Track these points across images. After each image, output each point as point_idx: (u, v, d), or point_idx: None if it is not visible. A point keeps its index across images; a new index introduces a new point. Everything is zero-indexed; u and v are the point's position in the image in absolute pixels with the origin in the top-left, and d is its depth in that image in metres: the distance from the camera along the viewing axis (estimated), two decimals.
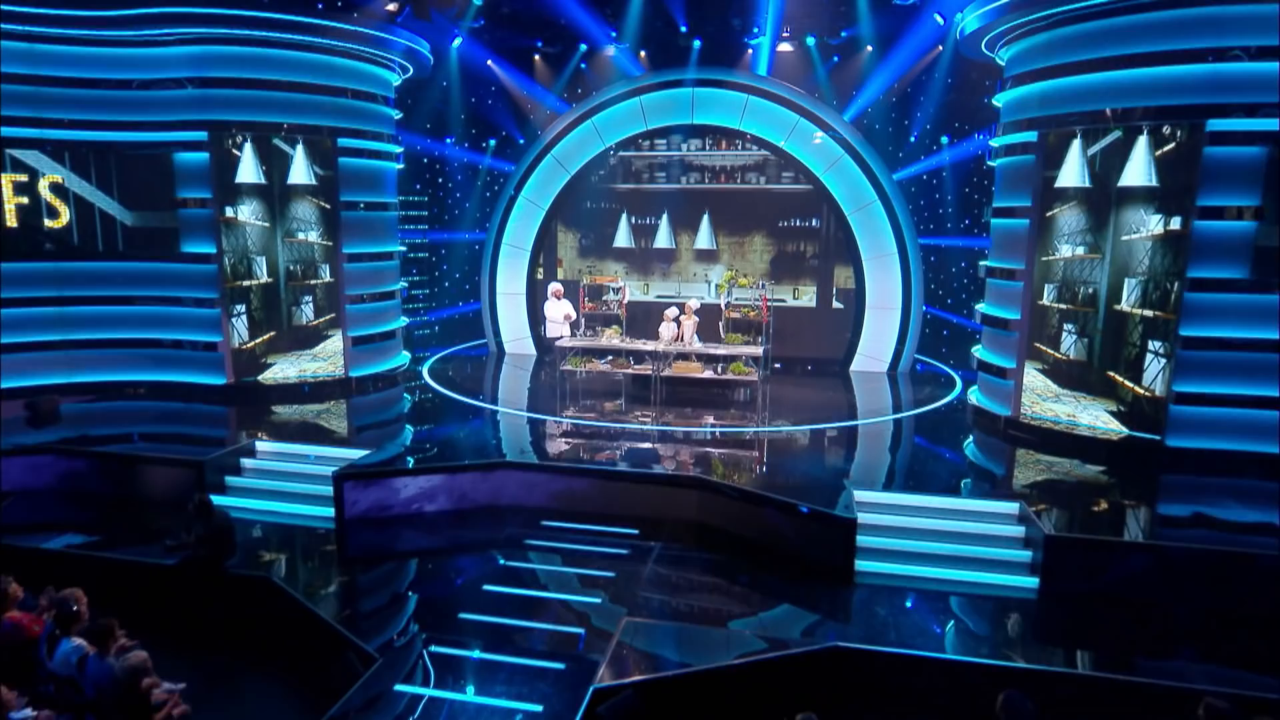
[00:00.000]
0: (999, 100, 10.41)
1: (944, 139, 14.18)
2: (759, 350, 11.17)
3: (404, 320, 12.80)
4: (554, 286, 12.26)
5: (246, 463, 8.96)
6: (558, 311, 12.30)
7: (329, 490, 8.19)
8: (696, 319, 11.84)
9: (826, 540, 7.34)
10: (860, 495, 7.87)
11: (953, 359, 14.28)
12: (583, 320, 11.93)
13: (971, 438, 10.06)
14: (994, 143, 10.53)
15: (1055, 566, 6.96)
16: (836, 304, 14.34)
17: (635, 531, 8.02)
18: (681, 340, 11.58)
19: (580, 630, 6.37)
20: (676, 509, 8.26)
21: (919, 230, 13.80)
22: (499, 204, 14.61)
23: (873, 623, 6.53)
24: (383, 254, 12.00)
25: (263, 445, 9.23)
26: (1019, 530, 7.50)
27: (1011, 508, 7.73)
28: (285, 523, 8.10)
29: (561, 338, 11.51)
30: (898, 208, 13.34)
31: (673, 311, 11.98)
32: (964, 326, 14.68)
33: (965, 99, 13.69)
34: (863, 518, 7.34)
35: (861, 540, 7.29)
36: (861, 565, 7.28)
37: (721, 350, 11.16)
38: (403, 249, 12.77)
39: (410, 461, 8.66)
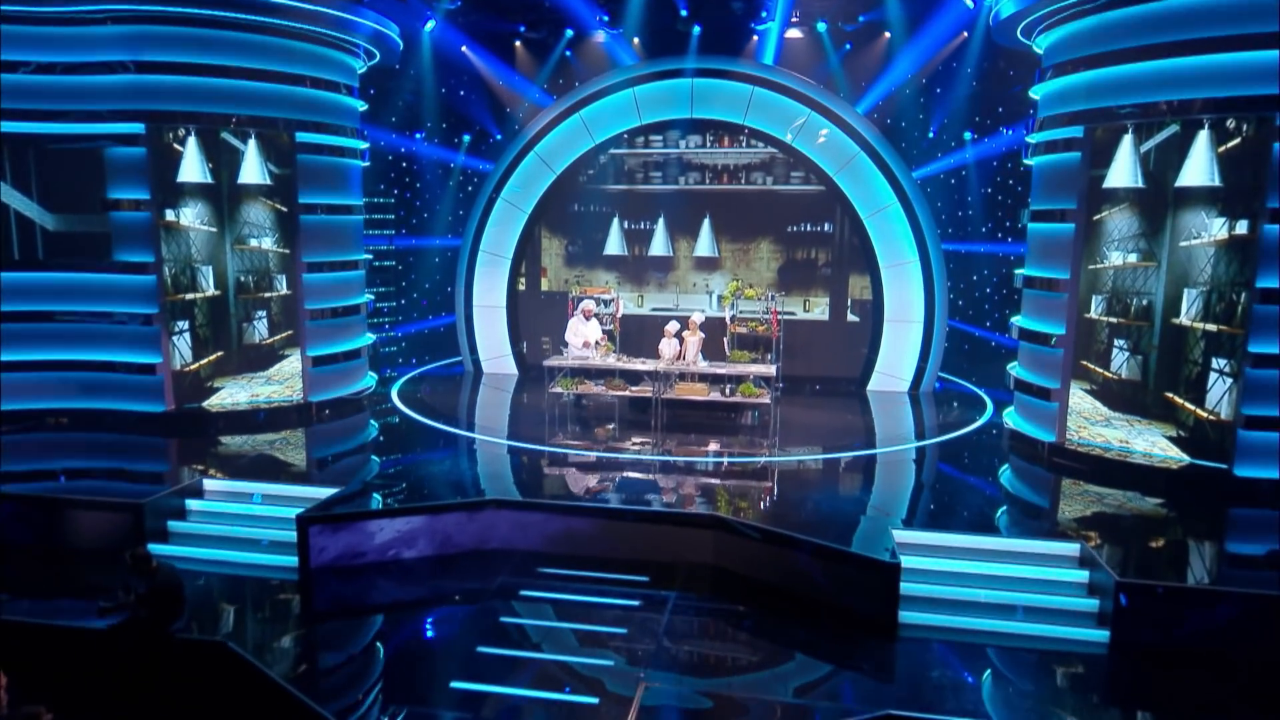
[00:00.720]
0: (1037, 92, 10.31)
1: (967, 135, 14.18)
2: (770, 369, 11.07)
3: (370, 337, 12.56)
4: (586, 304, 12.03)
5: (192, 504, 8.56)
6: (586, 334, 11.93)
7: (291, 535, 7.88)
8: (702, 335, 11.71)
9: (865, 587, 7.08)
10: (898, 535, 7.63)
11: (974, 376, 14.30)
12: (601, 341, 11.79)
13: (1010, 466, 9.98)
14: (1031, 139, 10.43)
15: (1128, 617, 6.67)
16: (852, 317, 14.30)
17: (645, 579, 7.71)
18: (684, 359, 11.43)
19: (594, 700, 5.96)
20: (691, 552, 8.03)
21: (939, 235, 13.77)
22: (475, 206, 14.47)
23: (925, 684, 6.23)
24: (346, 263, 11.77)
25: (211, 484, 8.82)
26: (1081, 575, 7.25)
27: (1071, 549, 7.51)
28: (241, 574, 7.77)
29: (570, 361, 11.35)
30: (919, 211, 13.23)
31: (673, 326, 11.79)
32: (988, 341, 14.76)
33: (991, 90, 13.70)
34: (904, 561, 7.13)
35: (904, 587, 7.01)
36: (906, 616, 7.00)
37: (729, 369, 11.06)
38: (368, 257, 12.56)
39: (383, 501, 8.38)
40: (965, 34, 13.36)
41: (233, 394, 11.39)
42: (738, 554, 7.85)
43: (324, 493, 8.47)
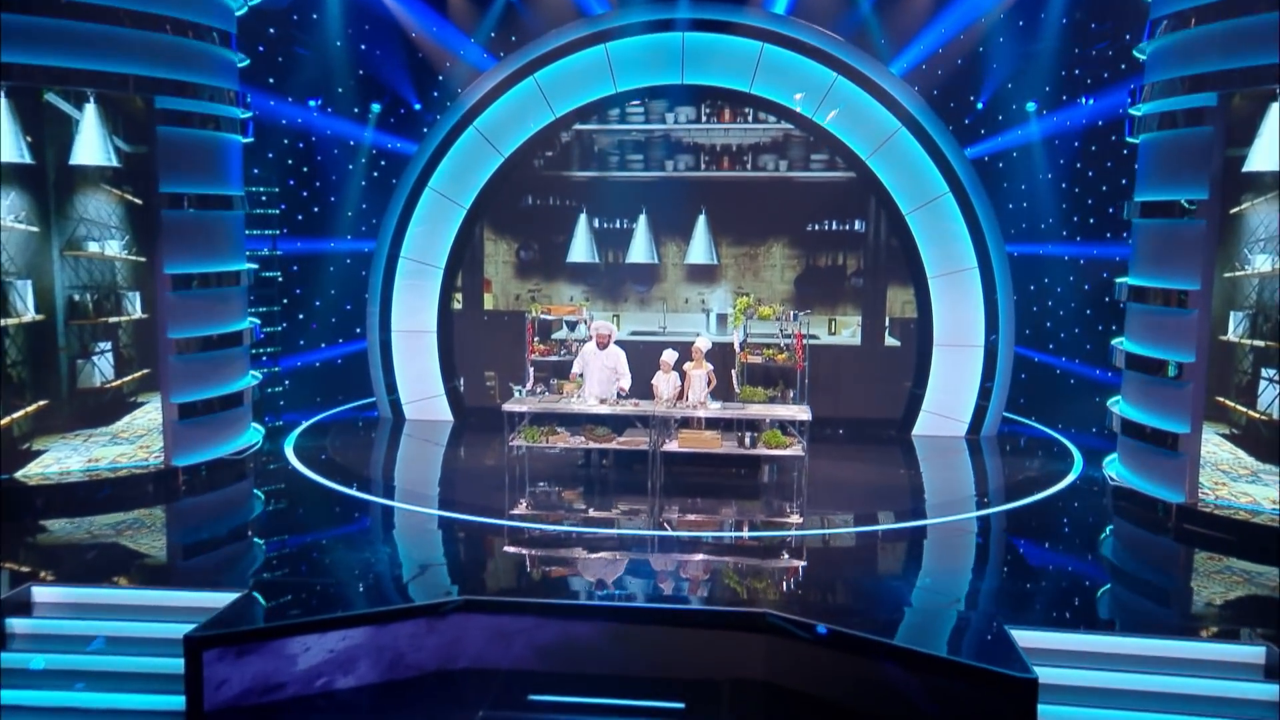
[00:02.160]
0: (1146, 49, 10.28)
1: (1030, 105, 14.19)
2: (801, 411, 10.87)
3: (255, 376, 12.45)
4: (599, 326, 11.83)
5: (16, 625, 7.85)
6: (601, 374, 11.66)
7: (175, 665, 7.29)
8: (709, 366, 11.41)
9: (985, 712, 6.75)
10: (1020, 638, 7.31)
11: (1035, 414, 14.46)
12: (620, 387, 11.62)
13: (1126, 536, 10.02)
14: (1138, 110, 10.42)
15: None
16: (891, 340, 14.31)
17: (679, 705, 7.38)
18: (686, 399, 11.17)
19: None
20: (733, 664, 7.70)
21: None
22: (394, 199, 14.20)
23: None
24: (225, 275, 11.48)
25: (44, 592, 8.13)
26: (1270, 691, 6.98)
27: (1253, 654, 7.26)
28: None
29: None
30: (977, 204, 13.20)
31: (671, 356, 11.48)
32: (1052, 368, 14.75)
33: (1066, 48, 13.75)
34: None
35: (1043, 709, 6.69)
36: None
37: (746, 412, 10.90)
38: (253, 267, 12.38)
39: (302, 609, 7.89)
40: None
41: (61, 459, 10.94)
42: (798, 666, 7.56)
43: (215, 600, 7.88)
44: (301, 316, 15.33)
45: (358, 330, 15.17)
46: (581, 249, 14.57)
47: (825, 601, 8.28)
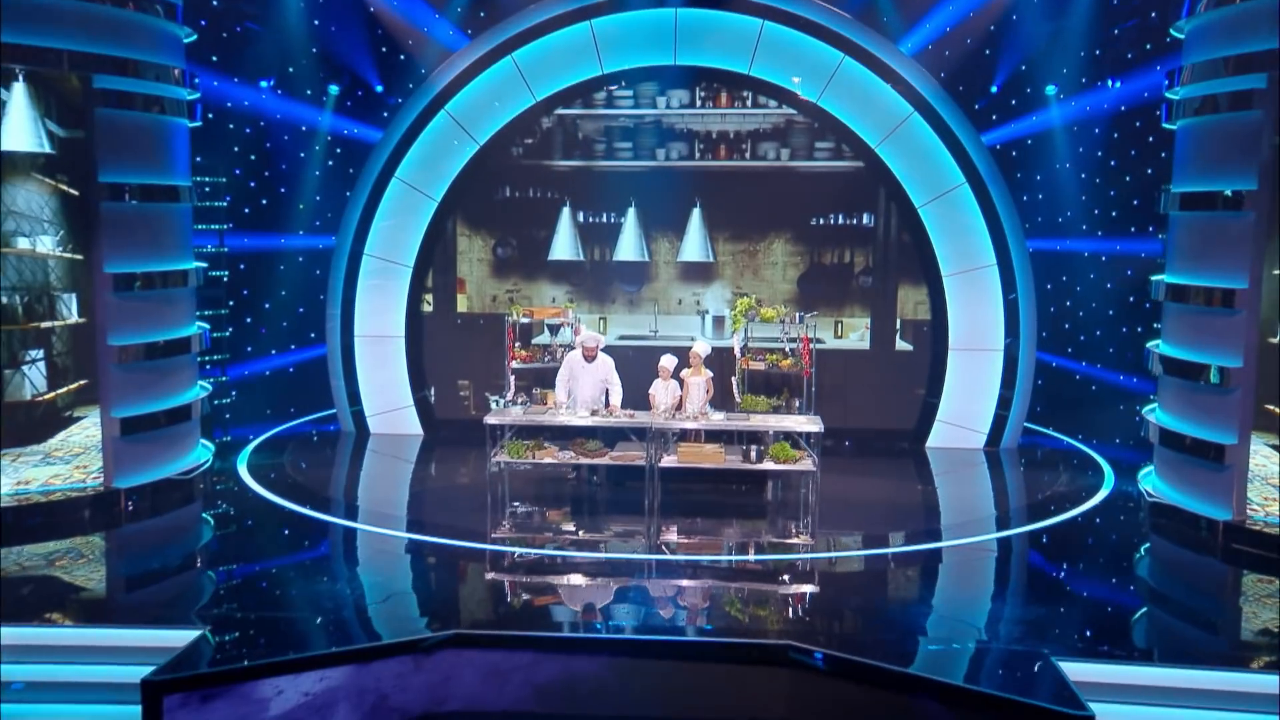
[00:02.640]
0: (1182, 28, 10.29)
1: (1050, 88, 14.23)
2: (813, 423, 10.90)
3: (204, 388, 12.39)
4: (585, 337, 11.81)
5: None
6: (585, 387, 11.70)
7: (130, 712, 7.10)
8: (709, 374, 11.49)
9: None
10: (1070, 671, 7.26)
11: (1053, 423, 14.53)
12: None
13: (1159, 554, 10.11)
14: (1175, 94, 10.44)
15: None
16: (902, 344, 14.36)
17: None
18: (684, 410, 11.22)
19: None
20: (753, 702, 7.63)
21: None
22: (358, 191, 14.09)
23: None
24: (171, 274, 11.37)
25: None
26: None
27: None
28: None
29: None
30: (996, 196, 13.22)
31: (669, 362, 11.48)
32: (1072, 374, 14.81)
33: (1090, 26, 13.73)
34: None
35: None
36: None
37: (750, 423, 10.95)
38: (203, 265, 12.24)
39: (273, 647, 7.73)
40: None
41: None
42: (825, 704, 7.50)
43: (171, 638, 7.69)
44: (249, 320, 15.15)
45: (312, 335, 15.07)
46: (565, 245, 14.52)
47: (850, 632, 8.23)
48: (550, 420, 10.89)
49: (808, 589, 9.11)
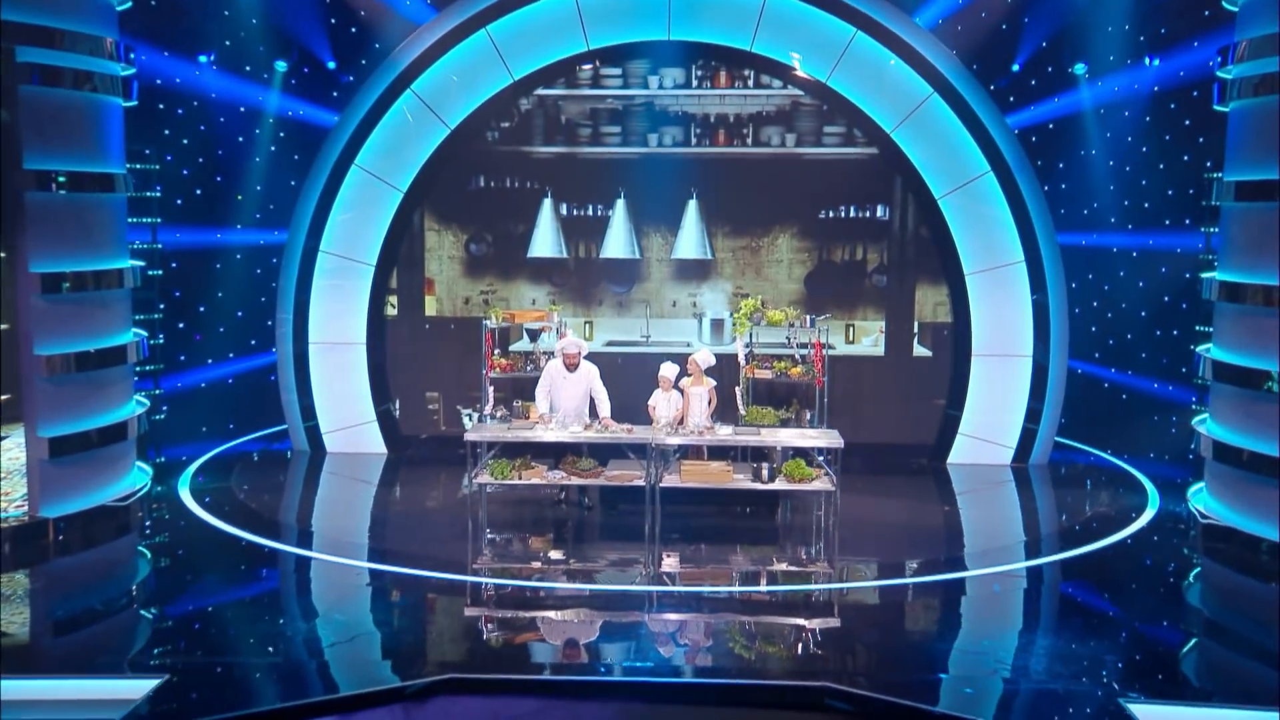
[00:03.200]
0: (1235, 0, 10.28)
1: (1079, 67, 14.23)
2: (831, 437, 10.86)
3: (142, 403, 12.24)
4: (568, 344, 11.72)
5: None
6: (568, 395, 11.65)
7: None
8: (711, 384, 11.49)
9: None
10: (1139, 713, 7.20)
11: (1081, 435, 14.52)
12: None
13: (1209, 579, 10.13)
14: (1226, 73, 10.46)
15: None
16: (921, 350, 14.44)
17: None
18: (685, 424, 11.20)
19: None
20: None
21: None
22: (311, 180, 13.99)
23: None
24: (105, 274, 11.28)
25: None
26: None
27: None
28: None
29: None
30: (1024, 186, 13.22)
31: (670, 371, 11.48)
32: (1100, 381, 14.83)
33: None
34: None
35: None
36: None
37: (758, 438, 10.96)
38: (139, 264, 12.05)
39: (240, 695, 7.60)
40: None
41: None
42: None
43: (121, 690, 7.52)
44: (182, 326, 14.93)
45: (253, 343, 15.01)
46: (546, 241, 14.49)
47: (892, 673, 8.15)
48: (540, 436, 10.84)
49: (837, 623, 9.06)
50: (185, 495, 12.28)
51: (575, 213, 14.59)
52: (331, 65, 14.98)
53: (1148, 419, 13.86)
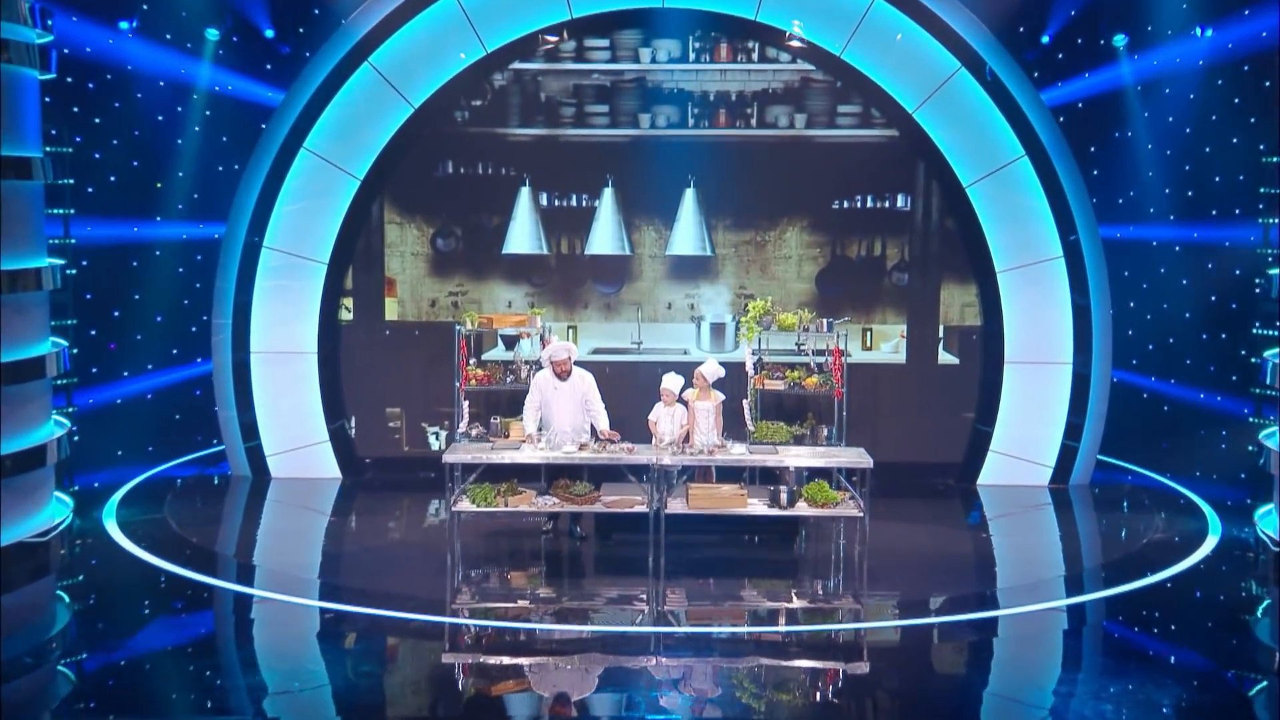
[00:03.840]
0: None
1: (1119, 39, 14.14)
2: (857, 456, 10.87)
3: (60, 424, 12.05)
4: (556, 350, 11.63)
5: None
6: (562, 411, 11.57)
7: None
8: (720, 397, 11.41)
9: None
10: None
11: (1118, 451, 14.41)
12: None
13: None
14: None
15: None
16: (947, 357, 14.44)
17: None
18: (691, 442, 11.10)
19: None
20: None
21: None
22: (253, 167, 13.85)
23: None
24: (20, 275, 11.15)
25: None
26: None
27: None
28: None
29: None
30: (1063, 172, 13.19)
31: (674, 383, 11.39)
32: (1144, 392, 14.74)
33: None
34: None
35: None
36: None
37: (778, 457, 10.98)
38: (58, 262, 11.85)
39: None
40: None
41: None
42: None
43: None
44: (94, 333, 14.66)
45: (174, 352, 14.83)
46: (524, 236, 14.40)
47: None
48: (529, 458, 10.77)
49: (860, 669, 8.88)
50: (113, 529, 12.00)
51: (557, 203, 14.52)
52: (269, 34, 14.74)
53: (1194, 433, 13.84)
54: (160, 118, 14.71)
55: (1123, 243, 14.52)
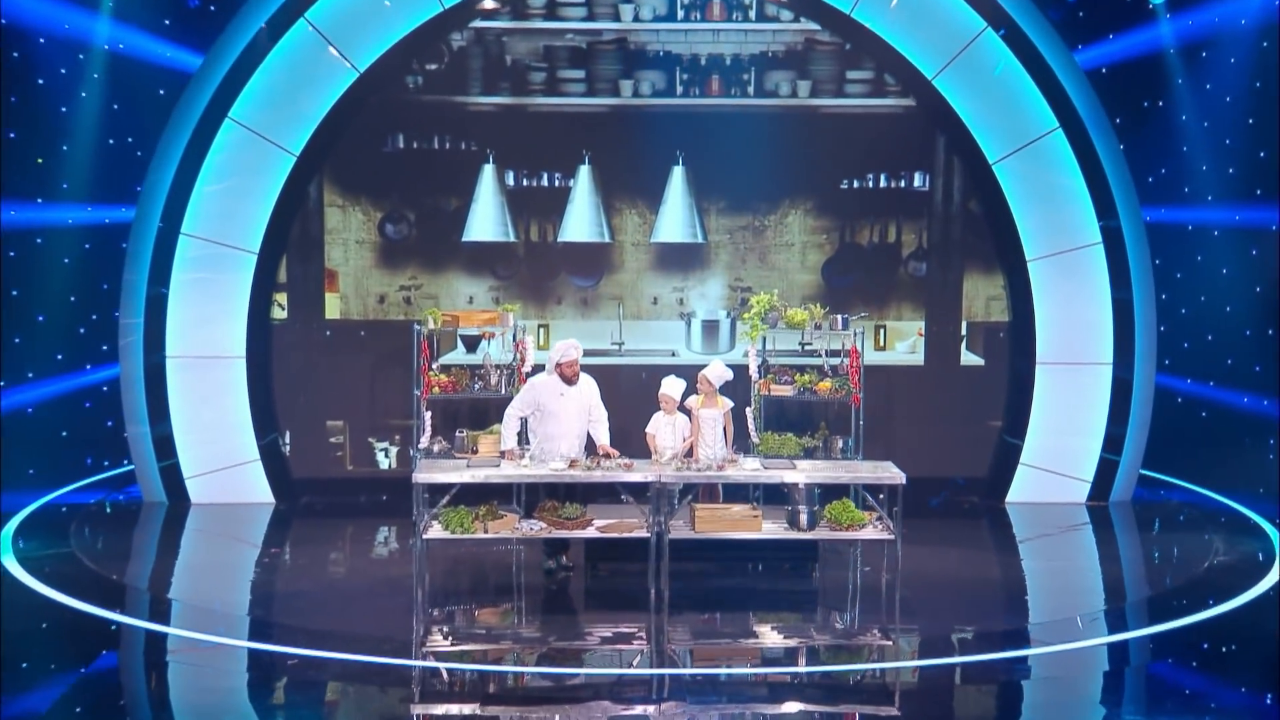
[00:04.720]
0: None
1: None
2: (891, 472, 10.75)
3: None
4: (566, 350, 11.52)
5: None
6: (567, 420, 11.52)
7: None
8: (728, 404, 11.47)
9: None
10: None
11: (1157, 463, 14.52)
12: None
13: None
14: None
15: None
16: (970, 357, 14.65)
17: None
18: (696, 455, 11.15)
19: None
20: None
21: None
22: (170, 140, 13.83)
23: None
24: None
25: None
26: None
27: None
28: None
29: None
30: (1102, 148, 13.34)
31: (675, 388, 11.42)
32: (1179, 396, 14.93)
33: None
34: None
35: None
36: None
37: (797, 473, 10.88)
38: None
39: None
40: None
41: None
42: None
43: None
44: None
45: (59, 358, 14.66)
46: (487, 221, 14.42)
47: None
48: (515, 476, 10.67)
49: (890, 714, 8.79)
50: (10, 563, 11.75)
51: (525, 183, 14.64)
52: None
53: (1238, 441, 13.99)
54: (41, 81, 14.45)
55: (1153, 226, 14.49)
